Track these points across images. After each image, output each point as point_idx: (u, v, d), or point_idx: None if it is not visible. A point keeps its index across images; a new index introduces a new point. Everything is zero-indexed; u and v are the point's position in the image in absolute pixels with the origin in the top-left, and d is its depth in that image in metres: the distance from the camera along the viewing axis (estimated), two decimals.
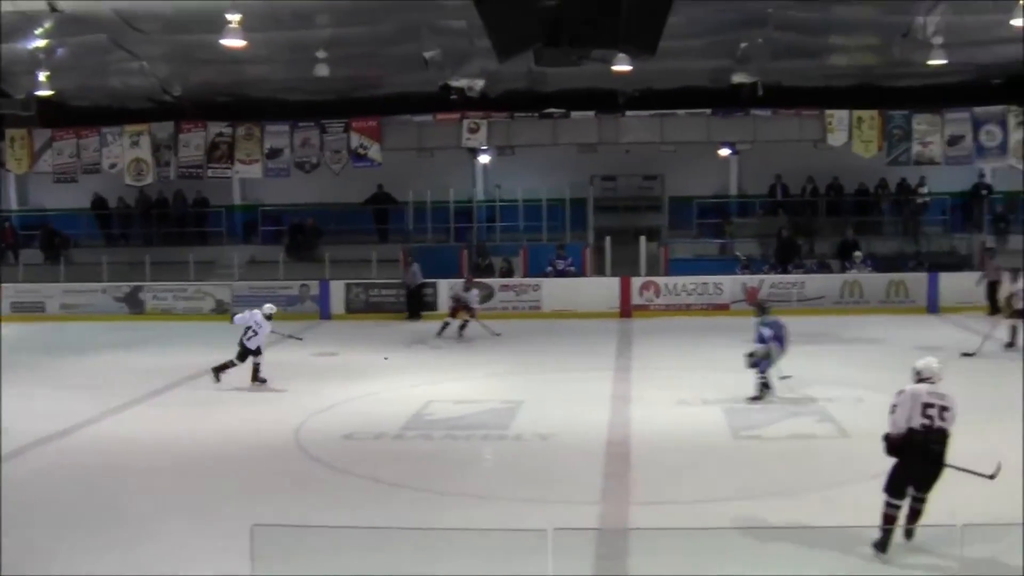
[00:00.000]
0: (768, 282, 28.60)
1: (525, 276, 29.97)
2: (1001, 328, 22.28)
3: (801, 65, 28.25)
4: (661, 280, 28.95)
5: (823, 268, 30.08)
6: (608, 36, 14.70)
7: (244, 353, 18.97)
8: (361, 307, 29.28)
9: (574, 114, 29.93)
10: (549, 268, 29.54)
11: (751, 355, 17.61)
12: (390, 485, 12.92)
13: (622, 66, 23.96)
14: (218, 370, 19.04)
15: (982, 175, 32.11)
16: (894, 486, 10.04)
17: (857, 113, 29.27)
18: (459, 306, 25.21)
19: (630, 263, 29.37)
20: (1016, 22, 20.68)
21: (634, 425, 15.98)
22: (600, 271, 30.03)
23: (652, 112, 29.77)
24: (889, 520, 9.92)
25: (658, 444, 14.85)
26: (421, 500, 12.24)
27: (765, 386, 17.51)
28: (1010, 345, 21.97)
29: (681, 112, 29.89)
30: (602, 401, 17.61)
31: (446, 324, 25.07)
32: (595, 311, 28.15)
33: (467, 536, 9.48)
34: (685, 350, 23.15)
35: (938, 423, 9.99)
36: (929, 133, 29.32)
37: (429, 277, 28.78)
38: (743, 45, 26.63)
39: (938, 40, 24.96)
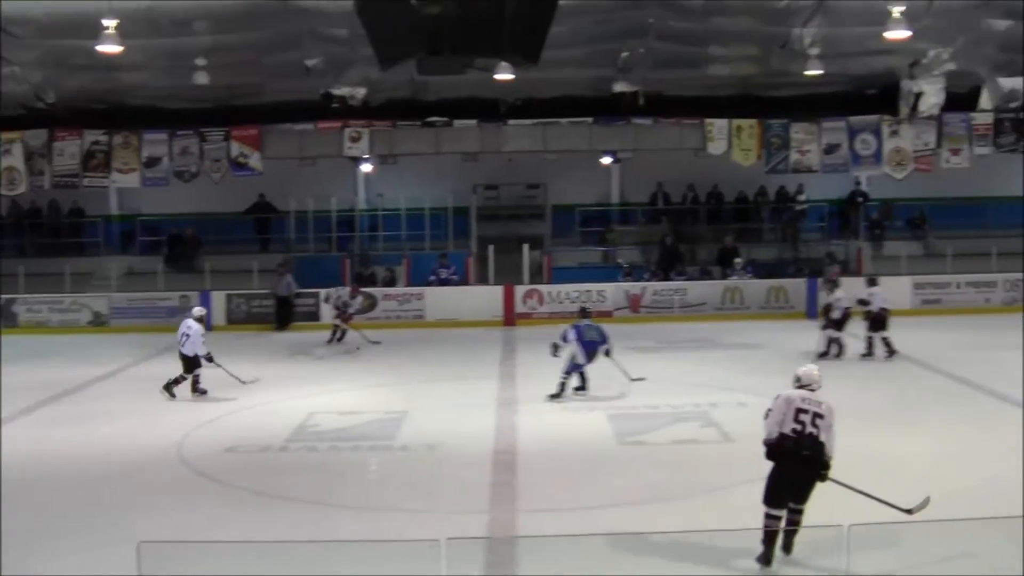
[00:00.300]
0: (650, 289, 28.87)
1: (408, 285, 29.86)
2: (820, 338, 22.69)
3: (682, 75, 28.53)
4: (544, 288, 29.06)
5: (704, 275, 30.46)
6: (491, 45, 14.68)
7: (189, 363, 18.58)
8: (242, 318, 28.89)
9: (456, 123, 29.86)
10: (432, 277, 29.49)
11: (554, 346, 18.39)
12: (276, 498, 12.76)
13: (504, 75, 23.98)
14: (169, 386, 18.68)
15: (858, 183, 32.86)
16: (771, 495, 10.10)
17: (736, 122, 29.71)
18: (344, 314, 25.13)
19: (513, 271, 29.45)
20: (889, 35, 21.14)
21: (520, 433, 16.03)
22: (483, 280, 30.06)
23: (534, 121, 29.83)
24: (770, 535, 9.86)
25: (544, 451, 14.90)
26: (308, 512, 12.11)
27: (563, 386, 18.14)
28: (825, 355, 22.25)
29: (563, 121, 30.02)
30: (488, 409, 17.63)
31: (335, 332, 25.04)
32: (479, 320, 28.17)
33: (358, 547, 9.40)
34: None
35: (809, 429, 10.05)
36: (806, 142, 29.88)
37: (312, 287, 28.49)
38: (624, 55, 26.83)
39: (815, 51, 25.42)
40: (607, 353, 18.49)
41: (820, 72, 26.12)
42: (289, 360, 23.73)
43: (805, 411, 10.09)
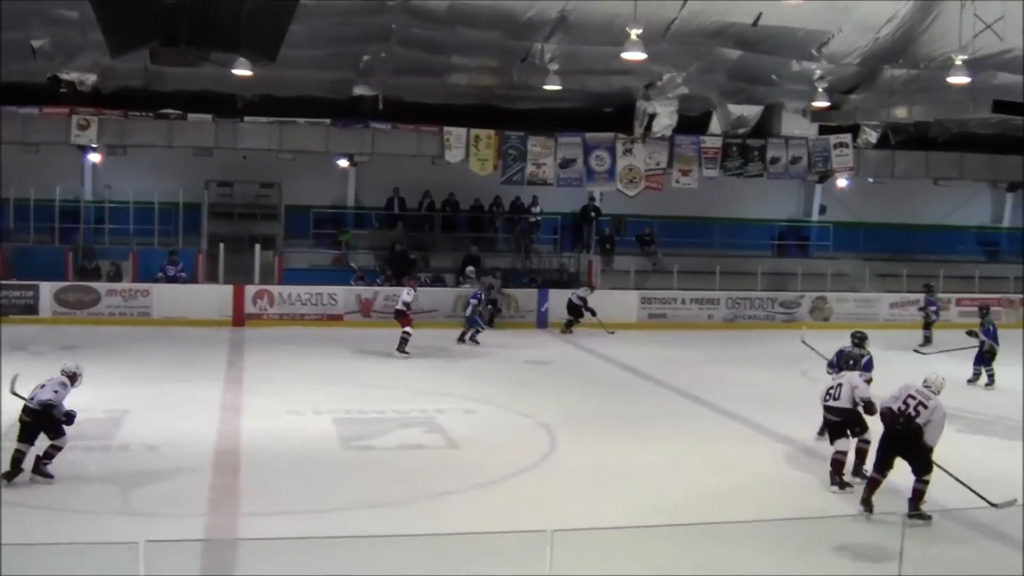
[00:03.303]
0: (382, 294, 28.78)
1: (134, 281, 28.86)
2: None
3: (422, 82, 28.63)
4: (275, 289, 28.58)
5: (437, 282, 30.54)
6: (228, 39, 14.33)
7: None
8: None
9: (191, 116, 29.07)
10: (160, 274, 28.59)
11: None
12: None
13: (242, 70, 23.52)
14: None
15: (592, 198, 33.58)
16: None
17: (475, 132, 29.97)
18: None
19: (244, 271, 28.86)
20: (626, 55, 21.68)
21: (244, 435, 15.70)
22: (213, 278, 29.33)
23: (271, 119, 29.37)
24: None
25: (268, 454, 14.63)
26: (13, 515, 11.50)
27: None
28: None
29: (301, 121, 29.67)
30: (212, 411, 17.20)
31: None
32: (207, 319, 27.48)
33: (51, 551, 8.99)
34: (298, 360, 22.93)
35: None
36: (543, 155, 30.40)
37: (32, 279, 27.24)
38: (366, 58, 26.76)
39: (555, 66, 25.91)
40: None
41: (559, 87, 26.61)
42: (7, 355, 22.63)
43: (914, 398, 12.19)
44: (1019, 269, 35.17)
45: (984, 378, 22.29)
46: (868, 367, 15.98)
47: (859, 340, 16.77)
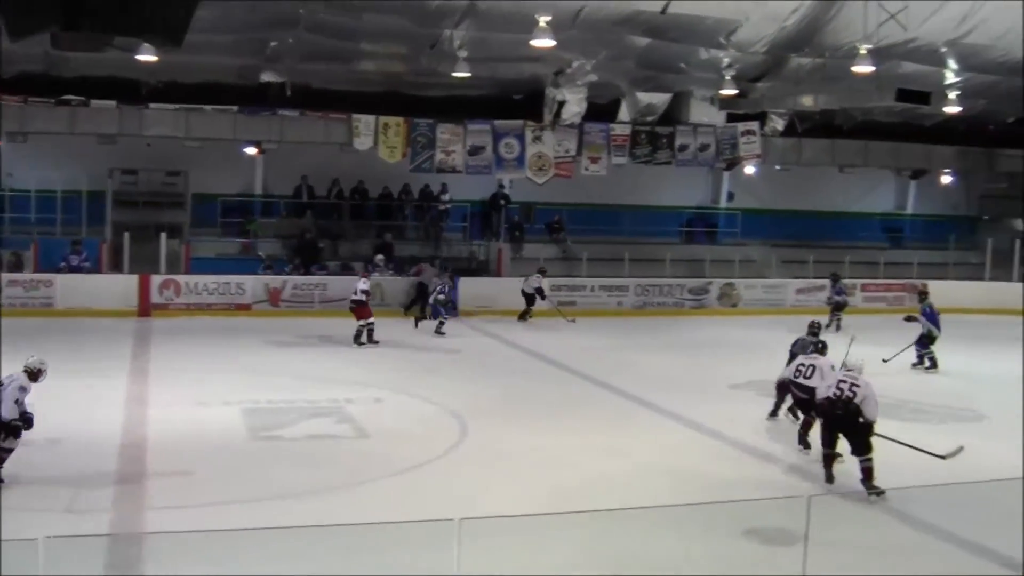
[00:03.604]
0: (291, 283, 28.55)
1: (36, 271, 28.27)
2: None
3: (331, 68, 28.34)
4: (182, 279, 28.18)
5: (346, 270, 30.34)
6: (132, 24, 14.07)
7: None
8: None
9: (94, 102, 28.52)
10: (63, 263, 28.05)
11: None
12: None
13: (147, 56, 23.12)
14: None
15: (501, 185, 33.55)
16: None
17: (384, 119, 29.79)
18: None
19: (150, 260, 28.40)
20: (535, 42, 21.68)
21: (151, 427, 15.45)
22: (118, 268, 28.81)
23: (177, 106, 28.91)
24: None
25: (175, 447, 14.42)
26: None
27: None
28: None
29: (207, 108, 29.28)
30: (117, 403, 16.91)
31: None
32: (112, 309, 27.01)
33: None
34: (205, 351, 22.68)
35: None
36: (452, 142, 30.31)
37: None
38: (273, 44, 26.42)
39: (464, 53, 25.80)
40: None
41: (468, 74, 26.52)
42: None
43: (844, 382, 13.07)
44: (923, 255, 35.87)
45: (927, 362, 22.77)
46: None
47: (816, 329, 17.69)
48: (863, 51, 22.69)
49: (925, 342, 22.73)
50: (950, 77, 28.99)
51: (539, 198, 33.50)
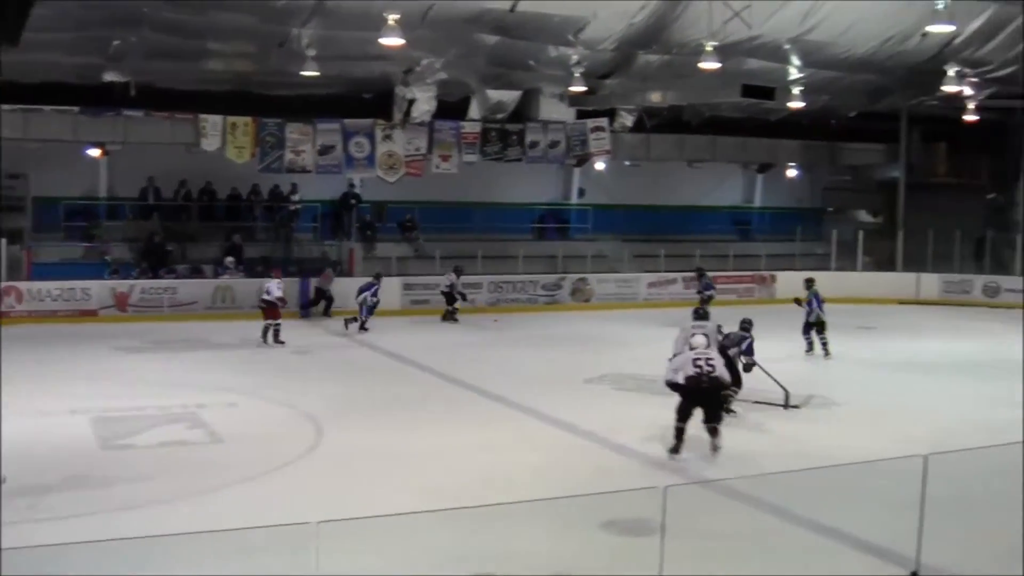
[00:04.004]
0: (138, 287, 27.96)
1: None
2: None
3: (176, 67, 27.77)
4: (24, 285, 27.37)
5: (196, 273, 29.81)
6: None
7: None
8: None
9: None
10: None
11: None
12: None
13: None
14: None
15: (352, 185, 33.28)
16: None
17: (231, 119, 29.39)
18: None
19: None
20: (384, 41, 21.48)
21: None
22: None
23: (15, 107, 28.04)
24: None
25: (21, 460, 13.92)
26: None
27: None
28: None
29: (47, 108, 28.51)
30: None
31: None
32: None
33: None
34: (51, 359, 21.99)
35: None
36: (301, 142, 30.07)
37: None
38: (116, 43, 25.78)
39: (312, 52, 25.55)
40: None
41: (316, 73, 26.28)
42: None
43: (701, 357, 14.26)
44: (770, 247, 36.63)
45: (818, 348, 23.48)
46: (750, 351, 17.40)
47: (746, 326, 17.96)
48: (709, 48, 23.07)
49: (818, 329, 23.52)
50: (794, 73, 29.71)
51: (391, 197, 33.34)
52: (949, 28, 21.70)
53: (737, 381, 16.59)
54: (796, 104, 30.78)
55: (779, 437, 15.71)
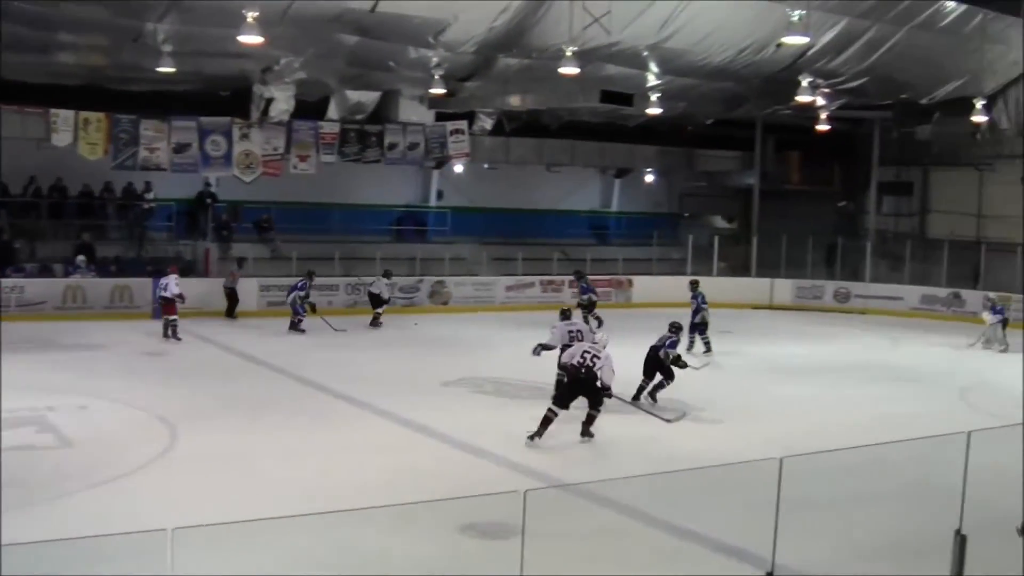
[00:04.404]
0: None
1: None
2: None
3: (26, 60, 26.96)
4: None
5: (45, 272, 29.04)
6: None
7: None
8: None
9: None
10: None
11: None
12: None
13: None
14: None
15: (207, 183, 32.80)
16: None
17: (83, 114, 28.70)
18: None
19: None
20: (242, 38, 21.22)
21: None
22: None
23: None
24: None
25: None
26: None
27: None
28: None
29: None
30: None
31: None
32: None
33: None
34: None
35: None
36: (156, 139, 29.49)
37: None
38: None
39: (168, 48, 25.12)
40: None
41: (172, 69, 25.85)
42: None
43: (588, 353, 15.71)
44: (628, 251, 37.10)
45: (699, 346, 24.64)
46: (673, 346, 18.94)
47: (675, 330, 19.27)
48: (568, 53, 23.23)
49: (701, 328, 24.89)
50: (652, 80, 30.13)
51: (247, 197, 32.94)
52: (803, 40, 22.17)
53: (669, 375, 18.70)
54: (654, 110, 31.21)
55: (640, 439, 15.92)
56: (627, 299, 34.22)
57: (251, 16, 20.50)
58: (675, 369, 18.69)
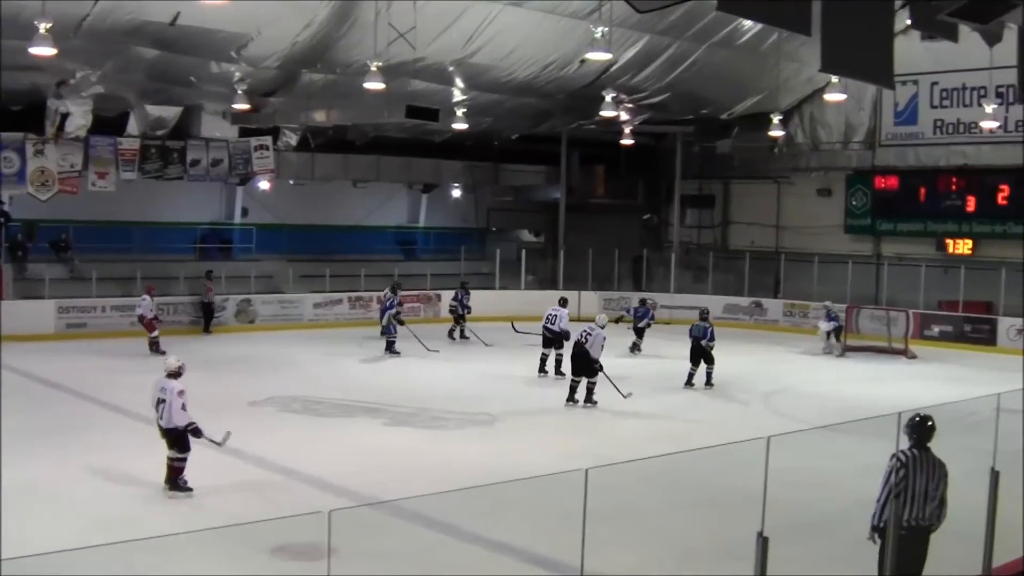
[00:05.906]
0: None
1: None
2: None
3: None
4: None
5: None
6: None
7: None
8: None
9: None
10: None
11: None
12: None
13: None
14: None
15: (1, 202, 31.58)
16: None
17: None
18: None
19: None
20: (34, 50, 20.39)
21: None
22: None
23: None
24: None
25: None
26: None
27: None
28: None
29: None
30: None
31: None
32: None
33: None
34: None
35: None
36: None
37: None
38: None
39: None
40: None
41: None
42: None
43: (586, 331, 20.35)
44: (436, 266, 37.11)
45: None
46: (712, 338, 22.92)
47: (705, 316, 23.65)
48: (374, 68, 23.08)
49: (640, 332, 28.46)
50: (458, 95, 30.21)
51: (43, 215, 31.74)
52: (606, 56, 22.44)
53: (710, 360, 22.96)
54: (460, 125, 31.29)
55: (454, 457, 15.87)
56: (435, 314, 34.16)
57: (44, 27, 19.74)
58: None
